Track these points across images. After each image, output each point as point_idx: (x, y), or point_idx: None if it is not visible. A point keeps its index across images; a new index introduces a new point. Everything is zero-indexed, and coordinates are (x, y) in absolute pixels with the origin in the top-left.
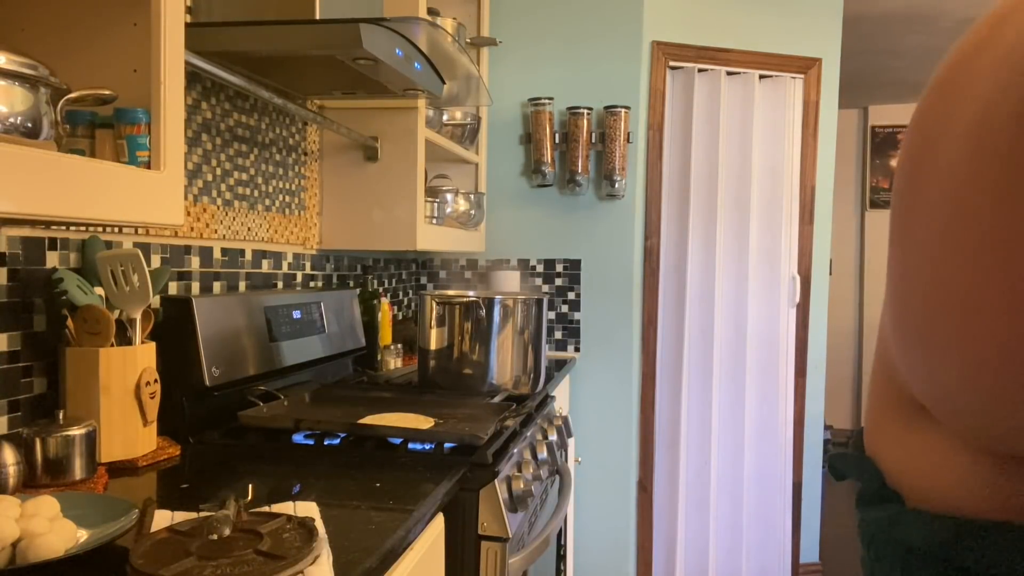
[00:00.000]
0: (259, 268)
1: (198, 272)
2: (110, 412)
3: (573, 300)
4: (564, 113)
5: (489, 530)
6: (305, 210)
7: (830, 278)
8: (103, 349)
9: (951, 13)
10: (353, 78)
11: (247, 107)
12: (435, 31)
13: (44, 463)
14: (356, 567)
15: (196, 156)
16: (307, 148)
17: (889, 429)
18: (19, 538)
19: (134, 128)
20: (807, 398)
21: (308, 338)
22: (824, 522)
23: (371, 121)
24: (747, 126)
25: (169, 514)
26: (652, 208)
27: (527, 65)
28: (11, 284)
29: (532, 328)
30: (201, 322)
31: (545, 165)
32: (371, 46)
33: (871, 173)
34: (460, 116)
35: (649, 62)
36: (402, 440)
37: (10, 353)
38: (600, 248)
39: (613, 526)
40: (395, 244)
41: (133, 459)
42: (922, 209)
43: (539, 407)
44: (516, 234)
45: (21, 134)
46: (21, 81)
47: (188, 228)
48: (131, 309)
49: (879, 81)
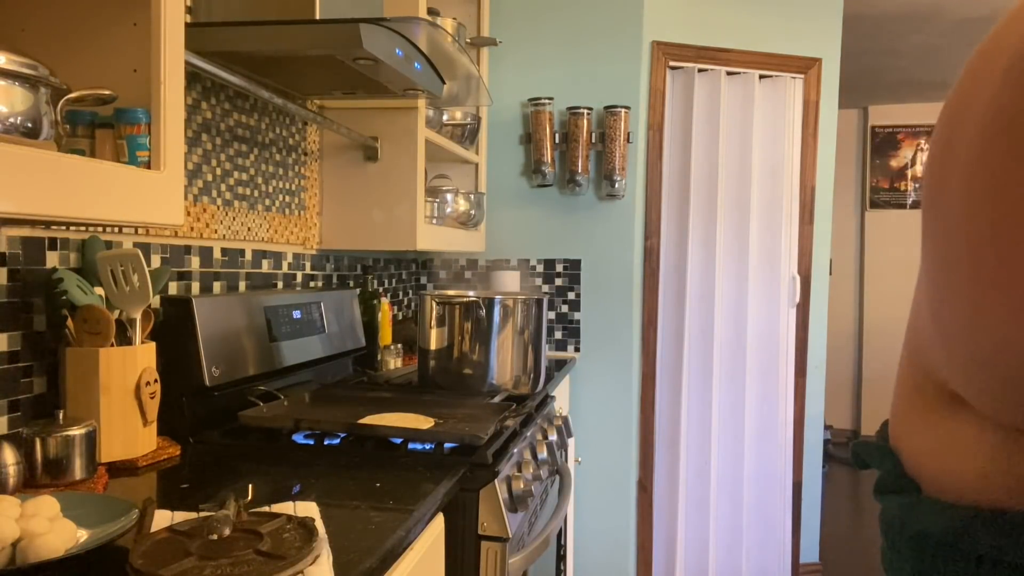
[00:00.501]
0: (259, 268)
1: (198, 272)
2: (110, 412)
3: (573, 300)
4: (564, 113)
5: (489, 530)
6: (305, 210)
7: (830, 278)
8: (103, 349)
9: (951, 12)
10: (353, 78)
11: (247, 107)
12: (435, 31)
13: (44, 463)
14: (356, 567)
15: (196, 156)
16: (307, 148)
17: (914, 419)
18: (19, 538)
19: (134, 128)
20: (807, 398)
21: (308, 338)
22: (824, 522)
23: (371, 121)
24: (747, 126)
25: (169, 514)
26: (652, 208)
27: (527, 65)
28: (11, 284)
29: (532, 328)
30: (201, 322)
31: (545, 165)
32: (371, 46)
33: (871, 173)
34: (460, 116)
35: (649, 62)
36: (402, 440)
37: (10, 353)
38: (600, 248)
39: (613, 526)
40: (395, 244)
41: (133, 459)
42: (954, 168)
43: (539, 407)
44: (516, 234)
45: (21, 134)
46: (21, 81)
47: (188, 228)
48: (131, 309)
49: (879, 81)
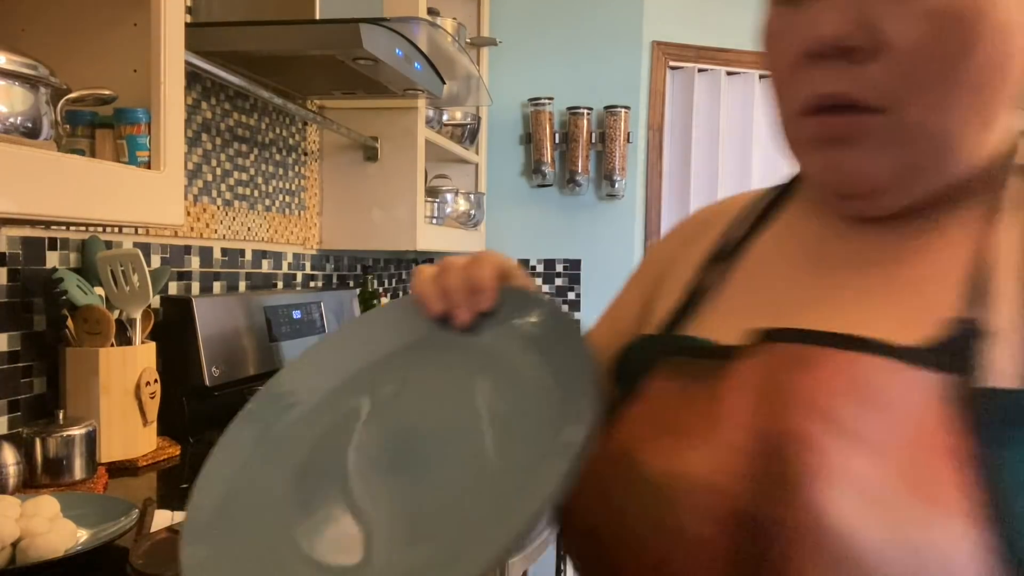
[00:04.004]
0: (259, 268)
1: (198, 272)
2: (110, 412)
3: (573, 300)
4: (564, 113)
5: None
6: (305, 210)
7: None
8: (103, 349)
9: None
10: (353, 78)
11: (247, 107)
12: (435, 31)
13: (44, 463)
14: None
15: (196, 156)
16: (307, 148)
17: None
18: (19, 538)
19: (134, 128)
20: None
21: (308, 338)
22: None
23: (371, 121)
24: (747, 126)
25: (169, 514)
26: (652, 208)
27: (527, 65)
28: (11, 284)
29: None
30: (201, 322)
31: (545, 165)
32: (371, 46)
33: None
34: (460, 116)
35: (649, 62)
36: None
37: (10, 353)
38: (600, 248)
39: None
40: (395, 244)
41: (133, 459)
42: None
43: None
44: (516, 234)
45: (21, 134)
46: (21, 81)
47: (188, 228)
48: (131, 309)
49: None
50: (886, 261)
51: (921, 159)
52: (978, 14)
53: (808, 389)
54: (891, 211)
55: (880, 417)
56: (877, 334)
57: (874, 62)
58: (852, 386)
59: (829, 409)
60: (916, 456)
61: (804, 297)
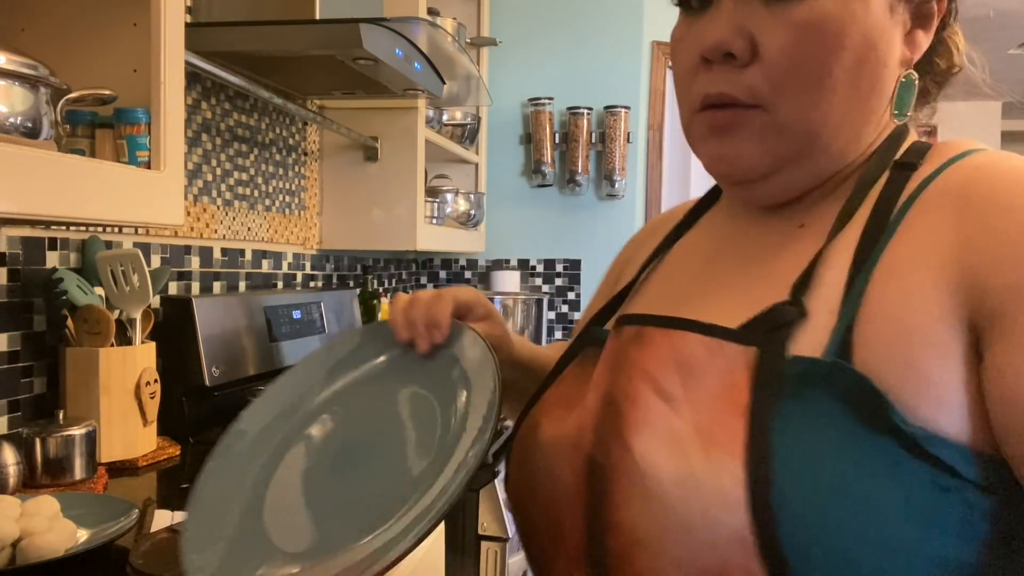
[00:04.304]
0: (259, 268)
1: (198, 272)
2: (110, 412)
3: (573, 300)
4: (564, 113)
5: (489, 530)
6: (305, 210)
7: None
8: (103, 349)
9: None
10: (353, 78)
11: (247, 107)
12: (435, 31)
13: (44, 463)
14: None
15: (196, 156)
16: (307, 148)
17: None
18: (19, 538)
19: (134, 128)
20: None
21: (308, 338)
22: None
23: (371, 121)
24: None
25: (169, 514)
26: (652, 208)
27: (527, 65)
28: (11, 284)
29: (532, 328)
30: (201, 322)
31: (545, 165)
32: (371, 46)
33: None
34: (460, 116)
35: (649, 62)
36: None
37: (10, 353)
38: (600, 248)
39: None
40: (395, 244)
41: (133, 459)
42: None
43: None
44: (516, 234)
45: (21, 134)
46: (21, 81)
47: (188, 228)
48: (131, 309)
49: None
50: (765, 257)
51: (794, 150)
52: (841, 24)
53: (642, 360)
54: (775, 200)
55: (693, 381)
56: (713, 319)
57: (752, 66)
58: (675, 357)
59: (655, 375)
60: (713, 409)
61: (692, 289)
